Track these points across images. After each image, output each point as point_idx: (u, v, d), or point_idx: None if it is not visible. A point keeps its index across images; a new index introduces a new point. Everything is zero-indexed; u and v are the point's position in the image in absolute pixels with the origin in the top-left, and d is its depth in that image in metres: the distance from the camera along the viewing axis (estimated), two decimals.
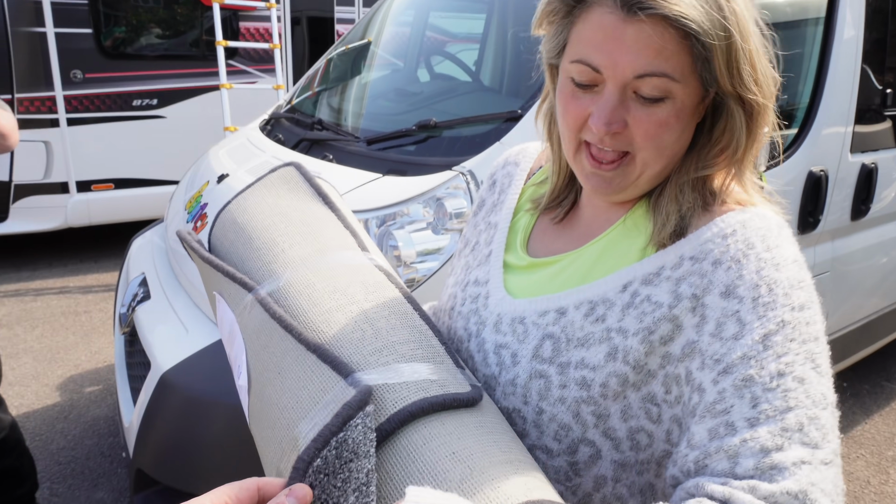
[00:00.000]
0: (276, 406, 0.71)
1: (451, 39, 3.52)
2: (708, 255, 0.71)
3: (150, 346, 2.05)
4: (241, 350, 0.80)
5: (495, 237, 0.94)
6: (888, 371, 3.96)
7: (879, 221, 2.95)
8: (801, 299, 0.68)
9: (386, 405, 0.66)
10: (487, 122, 2.09)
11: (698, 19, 0.65)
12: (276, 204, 0.96)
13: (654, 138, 0.72)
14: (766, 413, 0.63)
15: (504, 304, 0.85)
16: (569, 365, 0.76)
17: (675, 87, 0.70)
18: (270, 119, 3.07)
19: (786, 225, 0.75)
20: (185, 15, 5.83)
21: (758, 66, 0.71)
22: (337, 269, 0.83)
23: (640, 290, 0.74)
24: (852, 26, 2.52)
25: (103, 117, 5.42)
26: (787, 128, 2.47)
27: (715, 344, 0.68)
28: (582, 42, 0.72)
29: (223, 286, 0.87)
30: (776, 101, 0.76)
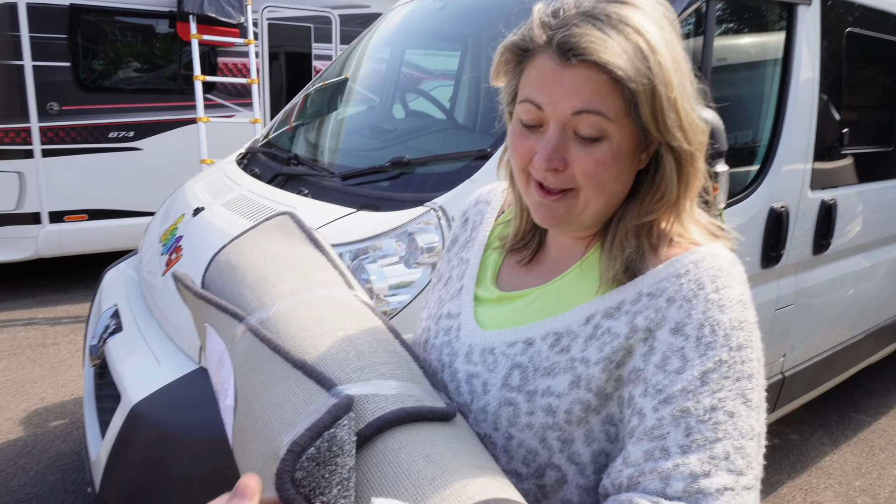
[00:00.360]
0: (261, 420, 0.74)
1: (426, 76, 3.60)
2: (663, 292, 0.77)
3: (121, 377, 2.03)
4: (230, 373, 0.83)
5: (467, 272, 1.00)
6: (856, 402, 4.04)
7: (841, 255, 3.04)
8: (740, 339, 0.75)
9: (365, 413, 0.71)
10: (458, 159, 2.15)
11: (624, 66, 0.72)
12: (269, 247, 1.01)
13: (593, 176, 0.78)
14: (697, 442, 0.69)
15: (475, 336, 0.90)
16: (536, 393, 0.81)
17: (611, 128, 0.76)
18: (247, 153, 3.10)
19: (737, 262, 0.81)
20: (164, 49, 5.88)
21: (682, 115, 0.77)
22: (324, 301, 0.89)
23: (601, 323, 0.80)
24: (809, 67, 2.63)
25: (79, 149, 5.43)
26: (748, 165, 2.56)
27: (659, 375, 0.74)
28: (528, 85, 0.79)
29: (215, 318, 0.91)
30: (709, 148, 0.82)
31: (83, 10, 5.39)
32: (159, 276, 2.38)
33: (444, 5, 3.10)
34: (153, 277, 2.45)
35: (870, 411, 3.92)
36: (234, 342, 0.85)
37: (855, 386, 4.20)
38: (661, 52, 0.75)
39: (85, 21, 5.42)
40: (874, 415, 3.89)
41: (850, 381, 4.12)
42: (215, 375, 0.90)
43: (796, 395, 3.06)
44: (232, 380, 0.82)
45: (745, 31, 2.74)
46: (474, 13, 3.01)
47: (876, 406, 3.99)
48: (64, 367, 4.11)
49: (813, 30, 2.63)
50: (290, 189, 2.45)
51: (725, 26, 2.63)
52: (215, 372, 0.89)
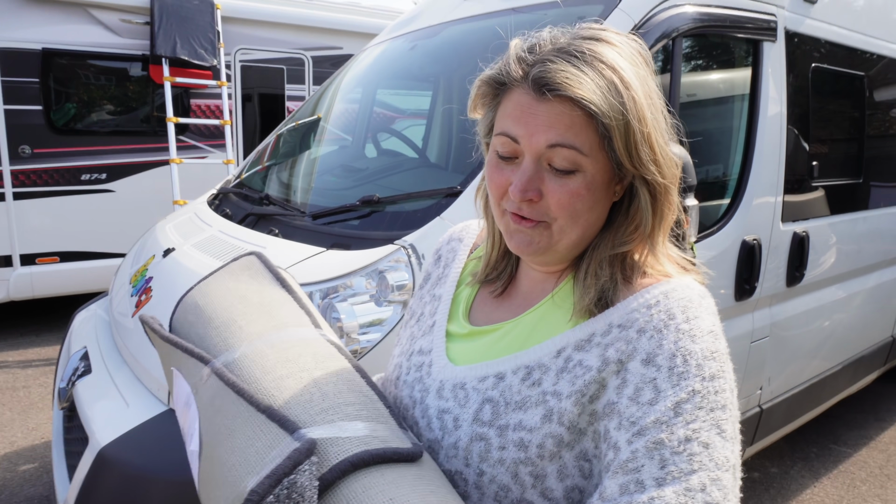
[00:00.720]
0: (225, 465, 0.74)
1: (398, 115, 3.62)
2: (634, 323, 0.77)
3: (89, 420, 1.99)
4: (195, 418, 0.83)
5: (439, 308, 1.00)
6: (835, 434, 4.02)
7: (815, 287, 3.06)
8: (712, 370, 0.74)
9: (329, 457, 0.70)
10: (429, 197, 2.13)
11: (598, 102, 0.73)
12: (236, 288, 1.02)
13: (567, 207, 0.79)
14: (672, 474, 0.68)
15: (446, 371, 0.90)
16: (507, 427, 0.80)
17: (585, 161, 0.77)
18: (219, 194, 3.07)
19: (707, 294, 0.81)
20: (137, 92, 5.88)
21: (657, 149, 0.78)
22: (290, 342, 0.89)
23: (572, 356, 0.80)
24: (776, 102, 2.68)
25: (51, 191, 5.40)
26: (719, 198, 2.57)
27: (632, 407, 0.73)
28: (504, 118, 0.81)
29: (181, 362, 0.91)
30: (682, 182, 0.83)
31: (56, 54, 5.38)
32: (129, 318, 2.34)
33: (414, 46, 3.13)
34: (123, 319, 2.40)
35: (850, 443, 3.91)
36: (199, 385, 0.85)
37: (834, 418, 4.19)
38: (635, 87, 0.75)
39: (57, 65, 5.42)
40: (854, 446, 3.87)
41: (829, 413, 4.11)
42: (182, 418, 0.89)
43: (775, 427, 3.03)
44: (197, 424, 0.82)
45: (712, 67, 2.79)
46: (444, 53, 3.04)
47: (856, 438, 3.98)
48: (34, 410, 4.02)
49: (779, 65, 2.68)
50: (261, 229, 2.42)
51: (693, 63, 2.68)
52: (182, 415, 0.89)
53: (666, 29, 2.24)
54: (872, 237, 3.48)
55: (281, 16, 6.44)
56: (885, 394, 4.68)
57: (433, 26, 3.08)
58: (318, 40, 6.71)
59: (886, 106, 3.68)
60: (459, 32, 2.89)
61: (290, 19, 6.48)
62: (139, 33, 5.66)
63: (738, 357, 2.62)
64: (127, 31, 5.62)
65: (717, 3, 2.41)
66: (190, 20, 5.71)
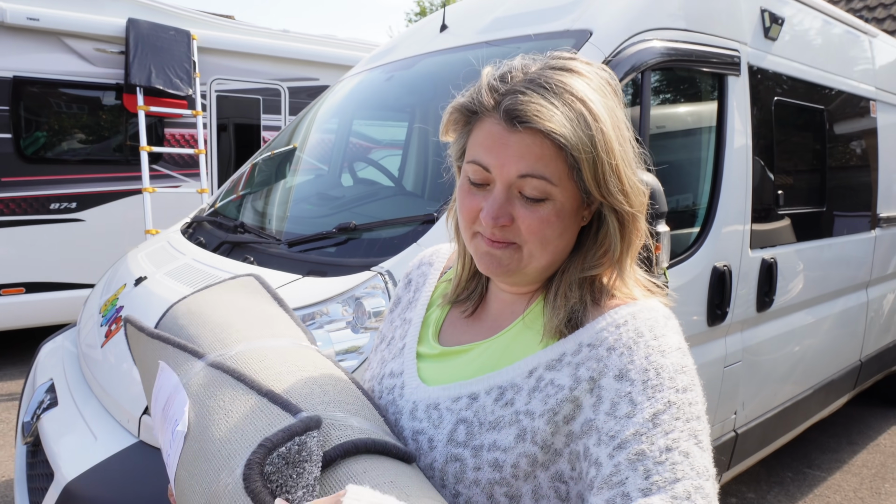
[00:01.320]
0: (218, 440, 0.73)
1: (374, 146, 3.65)
2: (603, 342, 0.79)
3: (55, 455, 1.93)
4: (184, 402, 0.81)
5: (409, 331, 1.00)
6: (809, 458, 4.07)
7: (785, 312, 3.12)
8: (684, 382, 0.76)
9: (331, 438, 0.71)
10: (404, 224, 2.15)
11: (566, 134, 0.76)
12: (233, 300, 1.02)
13: (538, 233, 0.81)
14: (657, 484, 0.68)
15: (419, 392, 0.90)
16: (482, 448, 0.80)
17: (554, 191, 0.79)
18: (192, 222, 3.05)
19: (672, 316, 0.84)
20: (110, 121, 5.84)
21: (624, 179, 0.80)
22: (288, 348, 0.89)
23: (544, 375, 0.81)
24: (742, 134, 2.76)
25: (17, 220, 5.30)
26: (690, 226, 2.63)
27: (610, 422, 0.74)
28: (476, 146, 0.82)
29: (170, 356, 0.90)
30: (649, 209, 0.86)
31: (27, 83, 5.34)
32: (98, 349, 2.29)
33: (390, 77, 3.17)
34: (92, 350, 2.36)
35: (823, 467, 3.95)
36: (191, 376, 0.84)
37: (808, 441, 4.24)
38: (603, 119, 0.78)
39: (29, 93, 5.38)
40: (828, 470, 3.91)
41: (802, 437, 4.16)
42: (164, 411, 0.87)
43: (750, 452, 3.06)
44: (186, 407, 0.81)
45: (680, 100, 2.87)
46: (419, 85, 3.09)
47: (829, 461, 4.03)
48: None
49: (743, 98, 2.77)
50: (236, 257, 2.40)
51: (662, 95, 2.76)
52: (164, 409, 0.87)
53: (635, 63, 2.31)
54: (838, 263, 3.57)
55: (257, 47, 6.49)
56: (855, 417, 4.76)
57: (409, 58, 3.13)
58: (295, 71, 6.76)
59: (846, 138, 3.81)
60: (435, 64, 2.94)
61: (267, 50, 6.53)
62: (113, 62, 5.65)
63: (712, 382, 2.65)
64: (101, 60, 5.60)
65: (683, 38, 2.50)
66: (165, 50, 5.73)
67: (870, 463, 4.03)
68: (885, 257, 4.09)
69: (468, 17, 3.10)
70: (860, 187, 3.92)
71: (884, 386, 4.88)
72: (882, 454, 4.16)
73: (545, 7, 2.69)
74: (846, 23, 3.74)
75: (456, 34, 2.99)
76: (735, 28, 2.75)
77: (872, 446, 4.28)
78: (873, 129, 3.98)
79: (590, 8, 2.48)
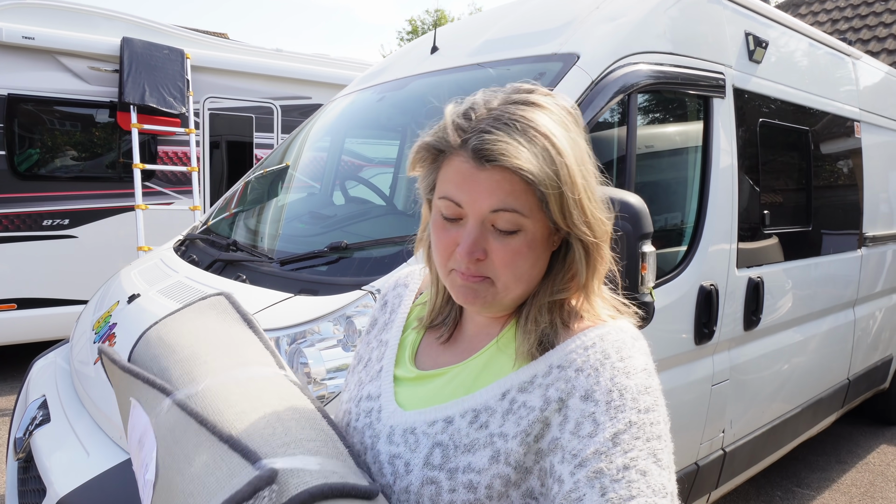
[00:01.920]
0: (182, 493, 0.74)
1: (366, 164, 3.68)
2: (572, 363, 0.82)
3: (47, 470, 1.93)
4: (153, 447, 0.82)
5: (386, 353, 1.02)
6: (798, 476, 4.08)
7: (772, 331, 3.15)
8: (647, 403, 0.79)
9: (289, 487, 0.71)
10: (396, 244, 2.17)
11: (534, 171, 0.79)
12: (203, 325, 1.03)
13: (511, 265, 0.84)
14: (612, 501, 0.71)
15: (396, 417, 0.92)
16: (457, 470, 0.82)
17: (526, 222, 0.82)
18: (185, 240, 3.07)
19: (640, 337, 0.87)
20: (103, 138, 5.87)
21: (587, 211, 0.83)
22: (253, 379, 0.90)
23: (517, 398, 0.84)
24: (727, 154, 2.80)
25: (10, 237, 5.31)
26: (677, 245, 2.66)
27: (573, 441, 0.77)
28: (447, 182, 0.85)
29: (140, 392, 0.91)
30: (614, 237, 0.89)
31: (22, 101, 5.37)
32: (91, 365, 2.30)
33: (382, 98, 3.21)
34: (84, 367, 2.36)
35: (812, 486, 3.97)
36: (159, 416, 0.85)
37: (796, 460, 4.26)
38: (567, 153, 0.81)
39: (23, 110, 5.40)
40: (817, 489, 3.93)
41: (791, 456, 4.18)
42: (137, 450, 0.88)
43: (739, 470, 3.07)
44: (154, 453, 0.82)
45: (667, 121, 2.92)
46: (411, 105, 3.13)
47: (818, 480, 4.05)
48: None
49: (728, 120, 2.82)
50: (228, 275, 2.42)
51: (649, 116, 2.80)
52: (138, 447, 0.88)
53: (622, 85, 2.36)
54: (824, 282, 3.61)
55: (250, 66, 6.54)
56: (844, 435, 4.78)
57: (400, 79, 3.17)
58: (287, 90, 6.81)
59: (831, 158, 3.87)
60: (426, 85, 2.98)
61: (260, 69, 6.59)
62: (107, 80, 5.69)
63: (699, 400, 2.67)
64: (95, 79, 5.64)
65: (669, 61, 2.55)
66: (159, 69, 5.77)
67: (858, 482, 4.05)
68: (871, 276, 4.13)
69: (459, 39, 3.16)
70: (846, 207, 3.97)
71: (872, 404, 4.91)
72: (871, 473, 4.18)
73: (534, 31, 2.74)
74: (830, 45, 3.82)
75: (447, 56, 3.03)
76: (720, 51, 2.81)
77: (861, 465, 4.30)
78: (858, 150, 4.05)
79: (577, 32, 2.53)
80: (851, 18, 8.95)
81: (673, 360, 2.52)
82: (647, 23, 2.53)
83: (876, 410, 5.01)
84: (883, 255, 4.31)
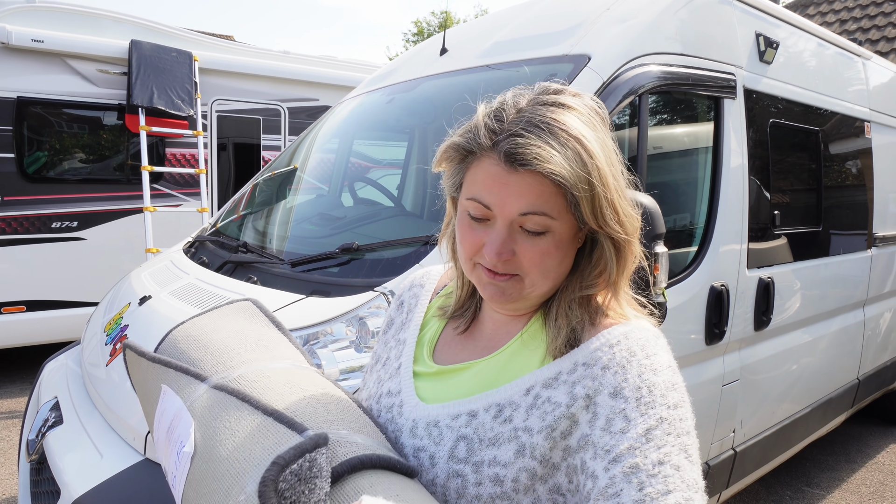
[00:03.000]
0: (227, 460, 0.74)
1: (374, 165, 3.69)
2: (597, 361, 0.83)
3: (61, 472, 1.94)
4: (188, 424, 0.83)
5: (404, 351, 1.03)
6: (808, 476, 4.07)
7: (783, 331, 3.14)
8: (675, 399, 0.80)
9: (337, 455, 0.73)
10: (407, 245, 2.18)
11: (566, 175, 0.79)
12: (232, 325, 1.04)
13: (539, 265, 0.85)
14: (650, 496, 0.72)
15: (418, 410, 0.93)
16: (482, 463, 0.83)
17: (554, 224, 0.83)
18: (195, 242, 3.08)
19: (661, 335, 0.88)
20: (111, 140, 5.89)
21: (619, 210, 0.84)
22: (289, 370, 0.91)
23: (541, 393, 0.85)
24: (738, 154, 2.80)
25: (19, 239, 5.33)
26: (688, 246, 2.66)
27: (605, 437, 0.78)
28: (476, 184, 0.85)
29: (172, 380, 0.91)
30: (641, 233, 0.90)
31: (31, 103, 5.39)
32: (102, 367, 2.31)
33: (392, 99, 3.22)
34: (96, 368, 2.37)
35: (822, 485, 3.96)
36: (194, 400, 0.86)
37: (806, 460, 4.25)
38: (598, 156, 0.81)
39: (32, 113, 5.43)
40: (827, 489, 3.92)
41: (801, 455, 4.17)
42: (167, 434, 0.88)
43: (749, 470, 3.07)
44: (191, 429, 0.82)
45: (677, 122, 2.92)
46: (420, 107, 3.13)
47: (828, 480, 4.03)
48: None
49: (739, 120, 2.81)
50: (239, 276, 2.43)
51: (660, 117, 2.80)
52: (167, 432, 0.88)
53: (633, 86, 2.36)
54: (834, 282, 3.60)
55: (258, 68, 6.56)
56: (853, 435, 4.76)
57: (410, 80, 3.17)
58: (295, 92, 6.83)
59: (841, 159, 3.86)
60: (436, 87, 2.98)
61: (267, 71, 6.60)
62: (116, 83, 5.71)
63: (710, 400, 2.67)
64: (103, 81, 5.67)
65: (679, 62, 2.55)
66: (168, 71, 5.80)
67: (868, 481, 4.03)
68: (881, 276, 4.12)
69: (468, 40, 3.16)
70: (856, 207, 3.96)
71: (882, 404, 4.90)
72: (881, 472, 4.16)
73: (544, 32, 2.74)
74: (840, 45, 3.81)
75: (456, 57, 3.04)
76: (731, 52, 2.81)
77: (871, 464, 4.28)
78: (868, 150, 4.04)
79: (588, 33, 2.53)
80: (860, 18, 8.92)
81: (684, 361, 2.52)
82: (658, 24, 2.53)
83: (886, 410, 5.00)
84: (893, 255, 4.29)
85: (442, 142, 0.89)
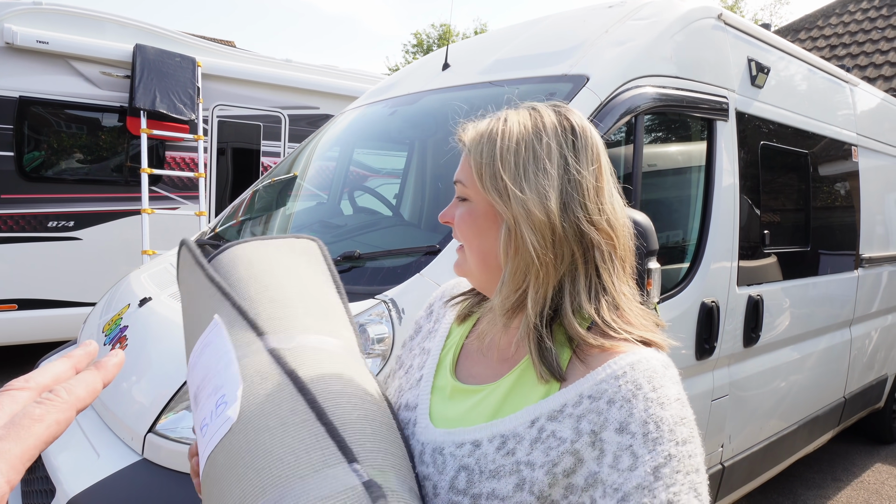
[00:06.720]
0: (270, 455, 0.73)
1: (373, 174, 3.74)
2: (603, 394, 0.81)
3: (56, 470, 1.94)
4: (237, 384, 0.79)
5: (427, 362, 1.03)
6: (795, 493, 4.12)
7: (771, 348, 3.20)
8: (683, 434, 0.78)
9: None
10: (408, 254, 2.23)
11: (466, 142, 0.93)
12: (294, 267, 0.99)
13: (462, 229, 0.95)
14: None
15: (427, 434, 0.93)
16: (481, 496, 0.82)
17: (469, 192, 0.93)
18: None
19: (671, 365, 0.85)
20: (111, 142, 5.93)
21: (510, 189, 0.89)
22: (344, 359, 0.88)
23: (546, 426, 0.82)
24: (730, 174, 2.87)
25: (14, 237, 5.33)
26: (679, 262, 2.73)
27: (613, 474, 0.76)
28: None
29: (226, 314, 0.87)
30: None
31: (32, 103, 5.43)
32: None
33: (394, 112, 3.28)
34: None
35: (808, 503, 4.01)
36: (247, 355, 0.82)
37: (793, 477, 4.30)
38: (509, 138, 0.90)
39: (33, 113, 5.46)
40: None
41: (788, 473, 4.22)
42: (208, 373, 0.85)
43: (736, 485, 3.12)
44: (239, 392, 0.79)
45: (671, 142, 2.99)
46: (421, 120, 3.19)
47: (814, 498, 4.09)
48: None
49: (731, 142, 2.89)
50: None
51: (654, 137, 2.87)
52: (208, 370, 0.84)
53: (629, 107, 2.43)
54: (822, 301, 3.67)
55: (260, 75, 6.62)
56: (840, 453, 4.82)
57: (412, 94, 3.24)
58: (296, 100, 6.89)
59: (829, 181, 3.95)
60: (437, 101, 3.04)
61: (269, 79, 6.66)
62: (118, 86, 5.76)
63: (699, 415, 2.70)
64: (106, 84, 5.71)
65: (674, 84, 2.62)
66: (171, 75, 5.84)
67: (854, 500, 4.09)
68: (867, 296, 4.20)
69: (470, 57, 3.23)
70: (843, 228, 4.04)
71: (867, 423, 4.96)
72: (866, 491, 4.22)
73: (544, 52, 2.81)
74: (829, 72, 3.90)
75: (458, 73, 3.10)
76: (723, 76, 2.89)
77: (856, 483, 4.34)
78: (855, 173, 4.13)
79: (587, 55, 2.60)
80: (849, 45, 9.08)
81: None
82: (654, 47, 2.61)
83: (871, 429, 5.06)
84: (879, 276, 4.38)
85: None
